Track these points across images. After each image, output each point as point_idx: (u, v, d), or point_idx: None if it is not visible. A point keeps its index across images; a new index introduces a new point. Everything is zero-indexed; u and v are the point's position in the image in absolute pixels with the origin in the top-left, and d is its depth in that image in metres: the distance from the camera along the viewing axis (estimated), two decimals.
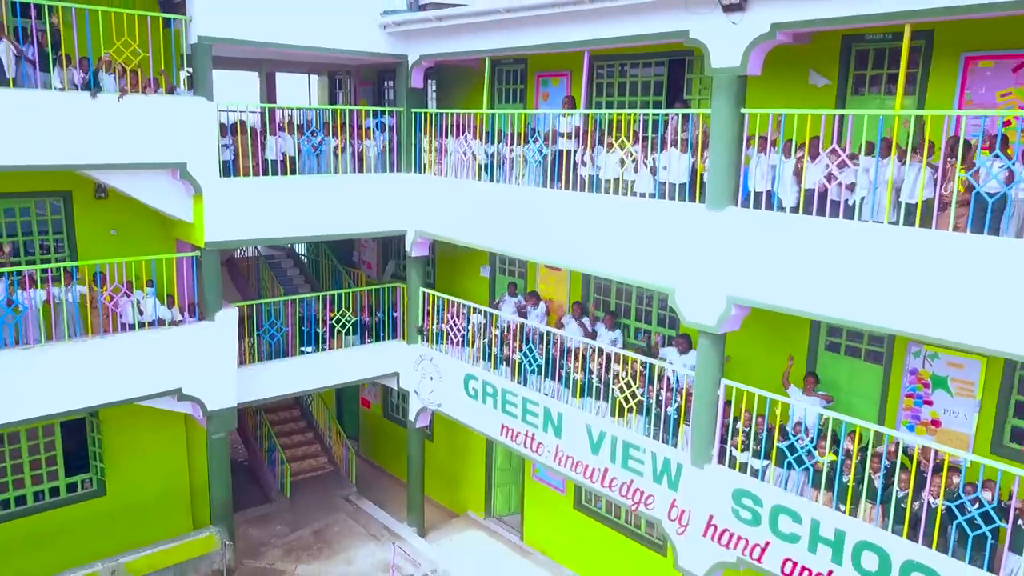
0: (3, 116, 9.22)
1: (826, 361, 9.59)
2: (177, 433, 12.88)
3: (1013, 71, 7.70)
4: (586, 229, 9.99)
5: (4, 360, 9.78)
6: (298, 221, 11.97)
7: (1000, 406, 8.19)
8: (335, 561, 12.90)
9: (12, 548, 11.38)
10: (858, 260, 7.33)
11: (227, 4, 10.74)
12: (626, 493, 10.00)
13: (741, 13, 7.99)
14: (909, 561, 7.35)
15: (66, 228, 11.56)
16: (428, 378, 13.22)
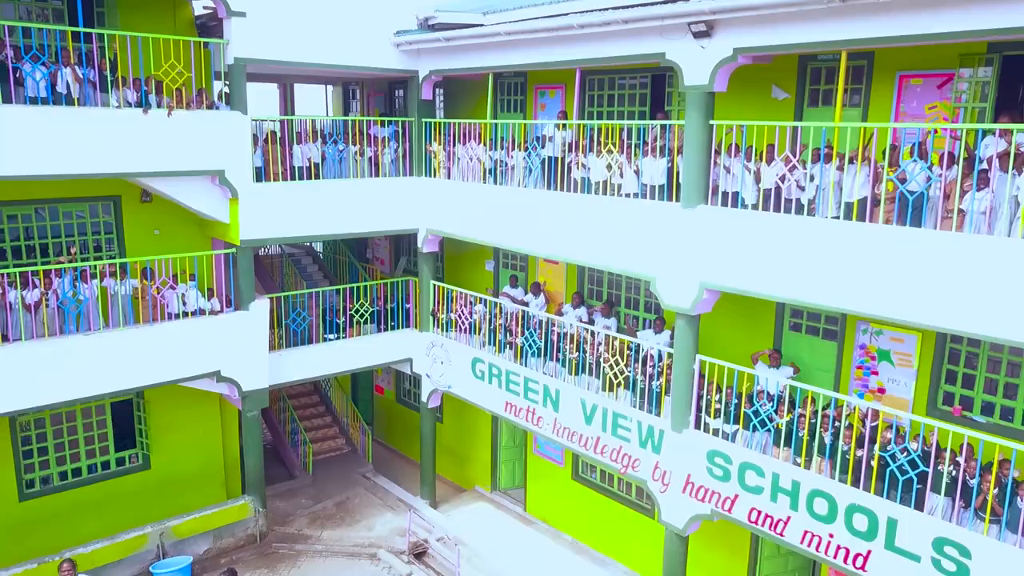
0: (69, 132, 10.61)
1: (790, 339, 10.92)
2: (212, 413, 14.25)
3: (938, 87, 9.02)
4: (579, 226, 11.34)
5: (69, 344, 11.18)
6: (322, 220, 13.35)
7: (934, 374, 9.52)
8: (356, 528, 14.27)
9: (70, 514, 12.74)
10: (810, 250, 8.65)
11: (259, 29, 12.10)
12: (616, 458, 11.35)
13: (708, 39, 9.34)
14: (852, 504, 8.67)
15: (116, 229, 12.94)
16: (439, 362, 14.59)
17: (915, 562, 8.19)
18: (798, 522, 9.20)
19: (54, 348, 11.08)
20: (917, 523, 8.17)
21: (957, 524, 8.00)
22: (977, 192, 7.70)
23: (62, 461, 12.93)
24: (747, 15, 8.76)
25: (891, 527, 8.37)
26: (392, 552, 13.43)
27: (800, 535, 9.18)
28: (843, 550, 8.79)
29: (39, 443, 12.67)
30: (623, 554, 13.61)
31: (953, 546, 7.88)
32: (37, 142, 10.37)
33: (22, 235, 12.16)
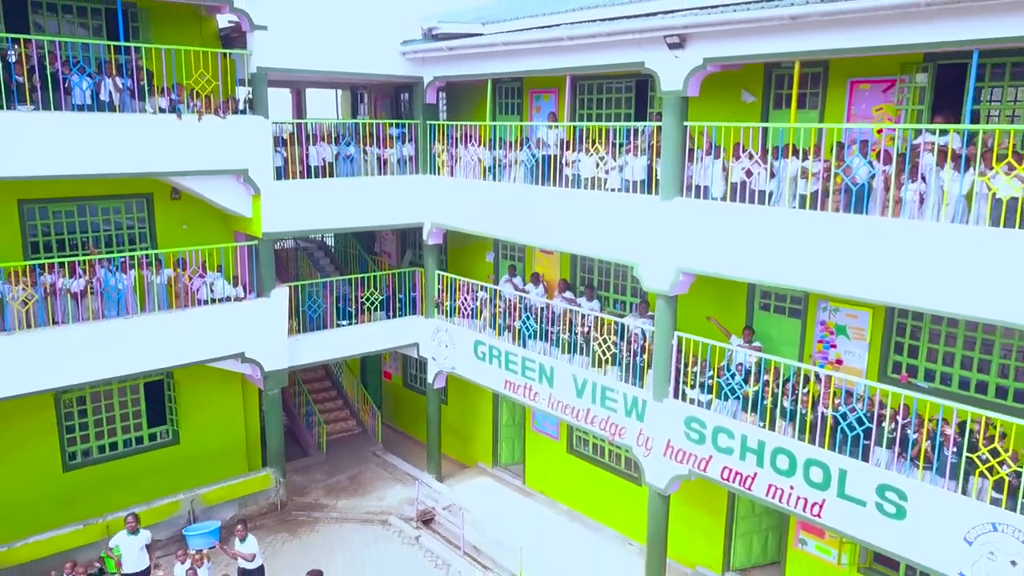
0: (112, 135, 11.84)
1: (761, 318, 12.12)
2: (235, 393, 15.47)
3: (883, 91, 10.22)
4: (569, 218, 12.55)
5: (110, 327, 12.41)
6: (335, 215, 14.59)
7: (884, 346, 10.72)
8: (369, 498, 15.50)
9: (108, 484, 13.95)
10: (772, 236, 9.85)
11: (279, 40, 13.32)
12: (604, 427, 12.57)
13: (681, 50, 10.55)
14: (809, 459, 9.87)
15: (148, 224, 14.16)
16: (443, 346, 15.81)
17: (862, 507, 9.39)
18: (764, 477, 10.40)
19: (97, 331, 12.31)
20: (864, 473, 9.36)
21: (897, 472, 9.21)
22: (911, 184, 8.91)
23: (100, 436, 14.16)
24: (713, 29, 9.98)
25: (842, 477, 9.56)
26: (402, 519, 14.65)
27: (765, 488, 10.39)
28: (802, 500, 9.99)
29: (80, 419, 13.90)
30: (613, 520, 14.80)
31: (893, 491, 9.08)
32: (84, 145, 11.61)
33: (65, 230, 13.38)
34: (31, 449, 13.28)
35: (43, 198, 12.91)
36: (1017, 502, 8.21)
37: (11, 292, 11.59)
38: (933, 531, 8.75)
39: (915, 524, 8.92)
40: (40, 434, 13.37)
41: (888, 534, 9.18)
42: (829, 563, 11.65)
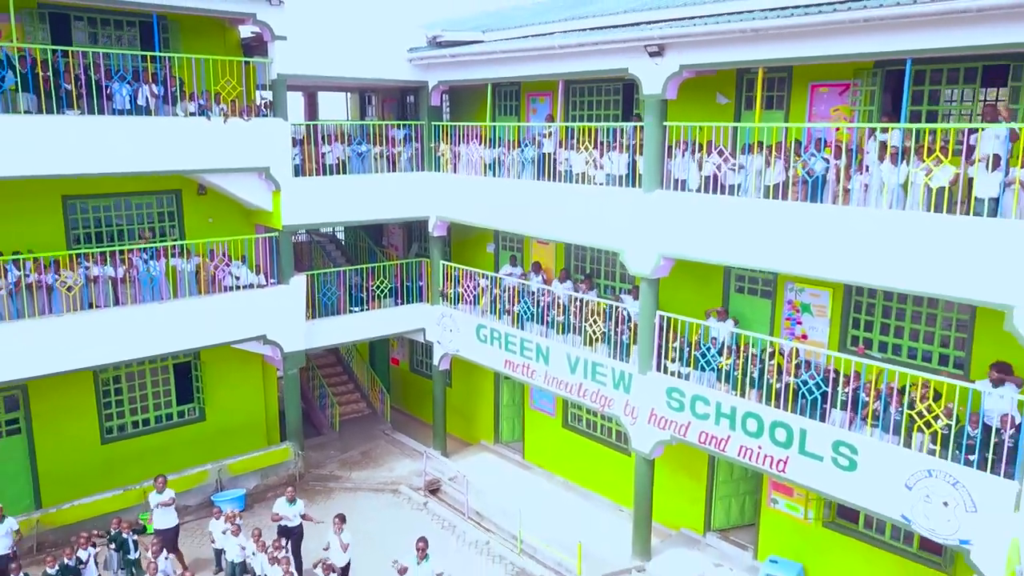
0: (149, 137, 13.12)
1: (735, 299, 13.36)
2: (255, 375, 16.75)
3: (839, 94, 11.47)
4: (562, 210, 13.81)
5: (146, 311, 13.68)
6: (348, 209, 15.87)
7: (843, 322, 11.97)
8: (380, 470, 16.79)
9: (141, 456, 15.21)
10: (740, 223, 11.10)
11: (297, 49, 14.58)
12: (595, 399, 13.83)
13: (660, 58, 11.81)
14: (775, 421, 11.12)
15: (177, 217, 15.44)
16: (448, 330, 17.08)
17: (819, 461, 10.63)
18: (736, 439, 11.66)
19: (134, 314, 13.59)
20: (821, 431, 10.61)
21: (849, 430, 10.45)
22: (858, 175, 10.16)
23: (134, 412, 15.46)
24: (688, 40, 11.25)
25: (803, 436, 10.81)
26: (411, 488, 15.92)
27: (737, 449, 11.64)
28: (769, 458, 11.24)
29: (116, 397, 15.19)
30: (605, 488, 16.03)
31: (846, 446, 10.32)
32: (124, 145, 12.88)
33: (103, 223, 14.66)
34: (74, 424, 14.57)
35: (84, 194, 14.20)
36: (949, 451, 9.45)
37: (59, 279, 12.86)
38: (879, 480, 9.99)
39: (865, 474, 10.16)
40: (81, 410, 14.66)
41: (842, 484, 10.42)
42: (798, 519, 12.90)
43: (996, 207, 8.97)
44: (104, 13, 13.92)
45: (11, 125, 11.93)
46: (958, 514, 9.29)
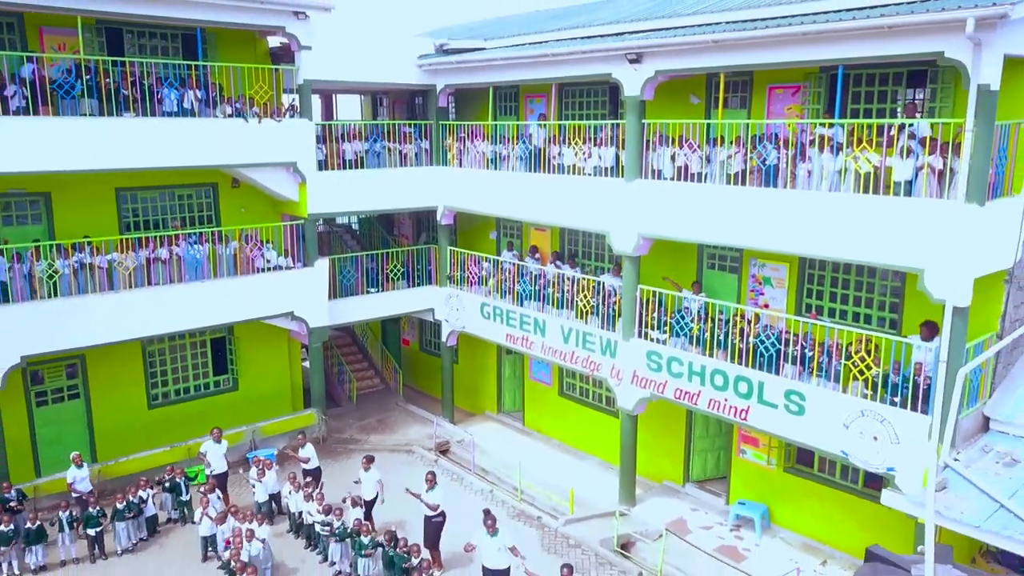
0: (193, 136, 15.00)
1: (708, 274, 15.20)
2: (282, 349, 18.64)
3: (792, 95, 13.33)
4: (556, 198, 15.67)
5: (193, 290, 15.56)
6: (366, 199, 17.76)
7: (798, 292, 13.81)
8: (395, 435, 18.67)
9: (183, 420, 17.08)
10: (710, 206, 12.93)
11: (321, 58, 16.44)
12: (585, 365, 15.69)
13: (639, 64, 13.66)
14: (738, 376, 12.95)
15: (214, 207, 17.33)
16: (455, 309, 18.95)
17: (775, 408, 12.47)
18: (705, 394, 13.50)
19: (180, 291, 15.45)
20: (776, 383, 12.43)
21: (799, 381, 12.29)
22: (804, 164, 12.02)
23: (176, 381, 17.36)
24: (660, 49, 13.11)
25: (760, 388, 12.65)
26: (423, 448, 17.79)
27: (707, 402, 13.48)
28: (733, 408, 13.07)
29: (160, 367, 17.09)
30: (596, 449, 17.87)
31: (796, 394, 12.15)
32: (173, 143, 14.77)
33: (150, 212, 16.56)
34: (125, 391, 16.47)
35: (133, 186, 16.09)
36: (877, 395, 11.29)
37: (118, 260, 14.75)
38: (823, 421, 11.82)
39: (811, 418, 11.99)
40: (131, 379, 16.56)
41: (794, 428, 12.26)
42: (762, 467, 14.76)
43: (911, 188, 10.82)
44: (152, 27, 15.80)
45: (78, 126, 13.83)
46: (885, 446, 11.12)
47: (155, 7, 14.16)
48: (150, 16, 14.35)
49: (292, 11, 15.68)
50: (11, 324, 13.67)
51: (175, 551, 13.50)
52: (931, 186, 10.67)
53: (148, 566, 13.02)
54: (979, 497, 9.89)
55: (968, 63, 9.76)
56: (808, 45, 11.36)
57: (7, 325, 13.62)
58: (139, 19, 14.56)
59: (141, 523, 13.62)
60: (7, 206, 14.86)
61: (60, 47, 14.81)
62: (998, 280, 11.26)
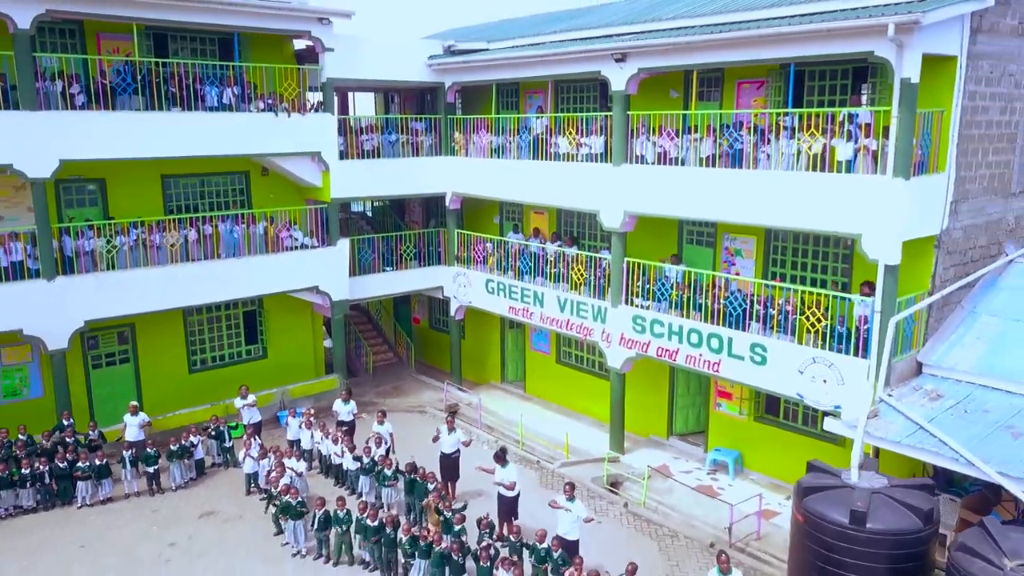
0: (230, 128, 16.97)
1: (687, 248, 17.14)
2: (306, 322, 20.62)
3: (757, 88, 15.28)
4: (552, 182, 17.64)
5: (230, 265, 17.54)
6: (382, 185, 19.78)
7: (764, 262, 15.75)
8: (408, 399, 20.66)
9: (219, 383, 19.02)
10: (686, 186, 14.88)
11: (342, 58, 18.40)
12: (579, 330, 17.65)
13: (624, 63, 15.61)
14: (710, 333, 14.90)
15: (246, 193, 19.33)
16: (462, 286, 20.92)
17: (741, 360, 14.42)
18: (683, 350, 15.44)
19: (218, 266, 17.43)
20: (742, 338, 14.38)
21: (762, 335, 14.23)
22: (764, 147, 13.97)
23: (213, 349, 19.36)
24: (642, 50, 15.06)
25: (730, 343, 14.59)
26: (435, 409, 19.76)
27: (685, 358, 15.43)
28: (707, 362, 15.02)
29: (199, 336, 19.08)
30: (590, 410, 19.81)
31: (759, 347, 14.10)
32: (213, 134, 16.76)
33: (190, 196, 18.56)
34: (169, 356, 18.47)
35: (176, 173, 18.07)
36: (827, 344, 13.23)
37: (165, 237, 16.75)
38: (781, 369, 13.75)
39: (772, 366, 13.94)
40: (175, 346, 18.57)
41: (757, 376, 14.20)
42: (736, 418, 16.70)
43: (851, 167, 12.78)
44: (193, 32, 17.79)
45: (132, 120, 15.84)
46: (832, 387, 13.06)
47: (199, 15, 16.13)
48: (194, 23, 16.33)
49: (317, 17, 17.65)
50: (76, 292, 15.66)
51: (221, 488, 15.49)
52: (867, 165, 12.64)
53: (199, 498, 15.02)
54: (904, 422, 11.83)
55: (893, 60, 11.71)
56: (765, 46, 13.32)
57: (73, 293, 15.62)
58: (183, 25, 16.53)
59: (191, 465, 15.63)
60: (68, 190, 16.87)
61: (115, 51, 16.79)
62: (928, 245, 13.17)
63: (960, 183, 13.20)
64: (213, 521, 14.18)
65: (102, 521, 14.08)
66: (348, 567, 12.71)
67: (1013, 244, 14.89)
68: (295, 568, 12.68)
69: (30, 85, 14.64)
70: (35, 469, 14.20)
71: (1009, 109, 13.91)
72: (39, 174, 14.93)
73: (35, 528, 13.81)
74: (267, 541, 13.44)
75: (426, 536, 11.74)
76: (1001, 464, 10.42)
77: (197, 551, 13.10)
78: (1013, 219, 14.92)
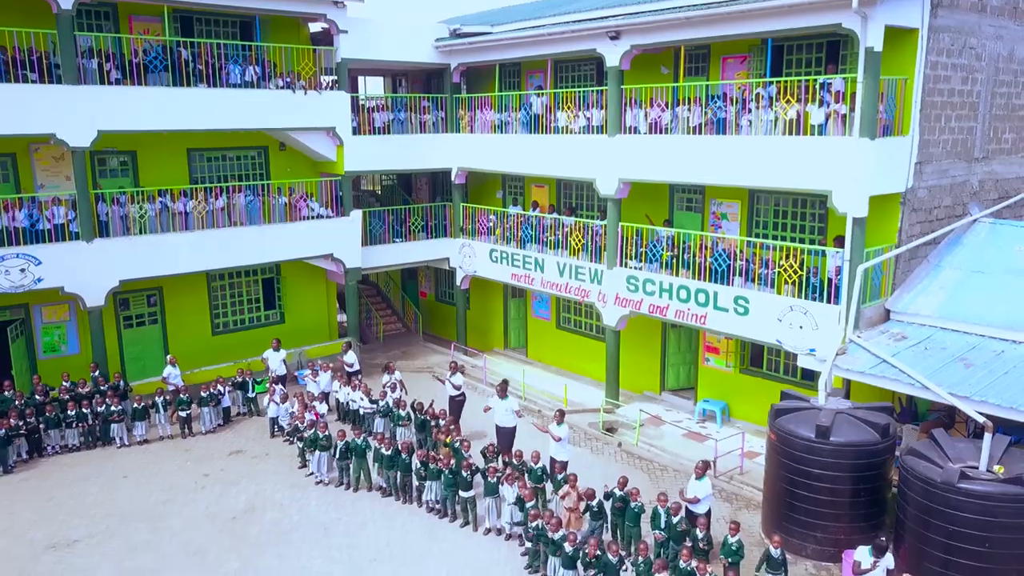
0: (253, 104, 18.25)
1: (678, 214, 18.44)
2: (321, 289, 21.91)
3: (740, 63, 16.56)
4: (552, 154, 18.92)
5: (251, 232, 18.83)
6: (392, 160, 21.09)
7: (748, 224, 17.03)
8: (417, 361, 21.96)
9: (239, 346, 20.25)
10: (675, 153, 16.16)
11: (356, 40, 19.69)
12: (577, 293, 18.93)
13: (617, 40, 16.88)
14: (698, 288, 16.18)
15: (264, 167, 20.61)
16: (467, 257, 22.20)
17: (726, 312, 15.69)
18: (673, 306, 16.72)
19: (241, 233, 18.71)
20: (727, 292, 15.65)
21: (744, 288, 15.51)
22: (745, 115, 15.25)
23: (234, 313, 20.66)
24: (635, 27, 16.34)
25: (715, 296, 15.87)
26: (441, 370, 21.05)
27: (675, 312, 16.70)
28: (694, 315, 16.29)
29: (222, 301, 20.39)
30: (588, 371, 21.10)
31: (742, 299, 15.38)
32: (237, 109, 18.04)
33: (214, 169, 19.85)
34: (193, 319, 19.78)
35: (201, 147, 19.37)
36: (802, 293, 14.51)
37: (193, 205, 18.05)
38: (762, 319, 15.04)
39: (754, 317, 15.22)
40: (199, 309, 19.88)
41: (740, 325, 15.48)
42: (723, 371, 17.99)
43: (823, 130, 14.06)
44: (217, 14, 19.08)
45: (163, 95, 17.13)
46: (808, 332, 14.34)
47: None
48: (218, 5, 17.65)
49: (332, 0, 18.94)
50: (112, 254, 16.96)
51: (247, 432, 16.82)
52: (837, 128, 13.92)
53: (227, 440, 16.35)
54: (869, 357, 13.11)
55: (858, 31, 12.99)
56: (745, 21, 14.59)
57: (108, 254, 16.91)
58: (208, 8, 17.86)
59: (219, 411, 16.93)
60: (103, 161, 18.17)
61: (145, 31, 18.08)
62: (894, 203, 14.44)
63: (924, 146, 14.46)
64: (242, 458, 15.48)
65: (140, 459, 15.39)
66: (367, 492, 14.00)
67: (978, 206, 16.16)
68: (319, 493, 13.97)
69: (71, 61, 15.93)
70: (80, 410, 15.52)
71: (970, 80, 15.16)
72: (79, 143, 16.21)
73: (81, 464, 15.12)
74: (292, 473, 14.75)
75: (435, 458, 13.05)
76: (952, 387, 11.70)
77: (230, 480, 14.41)
78: (977, 183, 16.18)
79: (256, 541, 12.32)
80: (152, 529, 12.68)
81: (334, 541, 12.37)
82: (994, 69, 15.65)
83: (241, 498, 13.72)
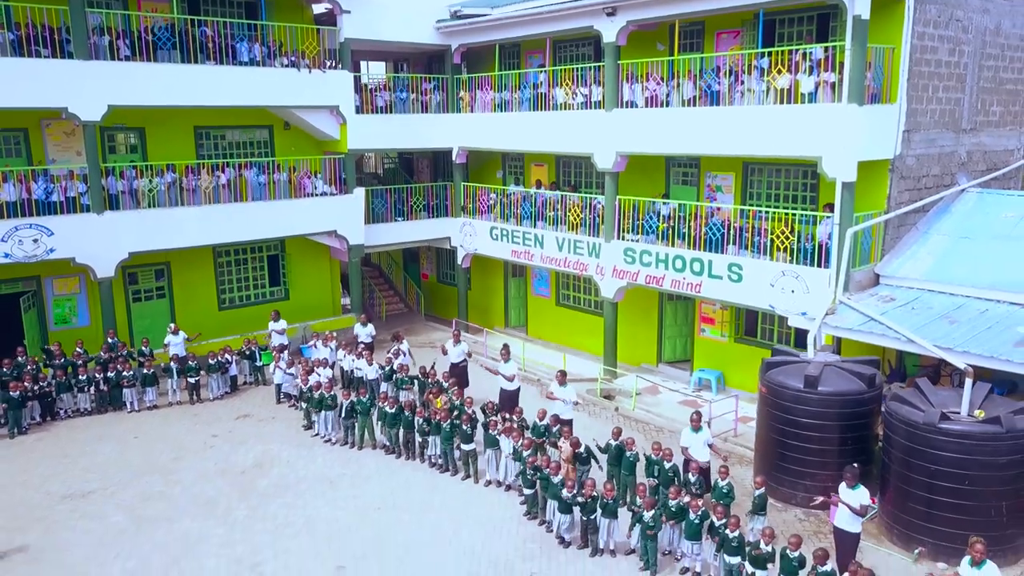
0: (260, 81, 18.69)
1: (674, 188, 18.85)
2: (324, 266, 22.35)
3: (733, 38, 16.97)
4: (551, 130, 19.34)
5: (257, 207, 19.27)
6: (394, 139, 21.54)
7: (742, 195, 17.44)
8: (420, 336, 22.40)
9: (245, 321, 20.70)
10: (670, 125, 16.57)
11: (358, 20, 20.12)
12: (575, 267, 19.34)
13: (614, 16, 17.30)
14: (693, 258, 16.58)
15: (270, 145, 21.05)
16: (468, 235, 22.62)
17: (720, 279, 16.10)
18: (669, 276, 17.13)
19: (247, 208, 19.15)
20: (721, 259, 16.07)
21: (738, 255, 15.92)
22: (738, 87, 15.66)
23: (240, 289, 21.10)
24: (629, 3, 16.75)
25: (710, 265, 16.28)
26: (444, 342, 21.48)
27: (671, 282, 17.12)
28: (689, 283, 16.70)
29: (228, 276, 20.83)
30: (587, 346, 21.51)
31: (736, 266, 15.79)
32: (245, 86, 18.48)
33: (220, 147, 20.29)
34: (200, 294, 20.23)
35: (207, 125, 19.82)
36: (793, 259, 14.93)
37: (200, 180, 18.49)
38: (755, 285, 15.45)
39: (747, 283, 15.63)
40: (206, 284, 20.33)
41: (734, 292, 15.89)
42: (718, 340, 18.40)
43: (813, 99, 14.47)
44: None
45: (171, 71, 17.57)
46: (799, 296, 14.75)
47: None
48: None
49: None
50: (121, 226, 17.41)
51: (254, 400, 17.27)
52: (827, 96, 14.33)
53: (234, 406, 16.81)
54: (858, 316, 13.52)
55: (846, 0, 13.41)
56: None
57: (119, 227, 17.37)
58: None
59: (226, 379, 17.37)
60: (112, 137, 18.62)
61: (153, 9, 18.53)
62: (883, 169, 14.84)
63: (912, 115, 14.86)
64: (249, 421, 15.94)
65: (150, 422, 15.85)
66: (372, 450, 14.43)
67: (966, 176, 16.56)
68: (324, 452, 14.42)
69: (83, 37, 16.38)
70: (91, 375, 15.96)
71: (958, 52, 15.57)
72: (90, 117, 16.66)
73: (93, 426, 15.58)
74: (299, 434, 15.21)
75: (436, 414, 13.49)
76: (937, 341, 12.11)
77: (238, 440, 14.86)
78: (965, 153, 16.59)
79: (264, 492, 12.76)
80: (165, 483, 13.13)
81: (340, 492, 12.80)
82: (981, 42, 16.05)
83: (249, 456, 14.16)
